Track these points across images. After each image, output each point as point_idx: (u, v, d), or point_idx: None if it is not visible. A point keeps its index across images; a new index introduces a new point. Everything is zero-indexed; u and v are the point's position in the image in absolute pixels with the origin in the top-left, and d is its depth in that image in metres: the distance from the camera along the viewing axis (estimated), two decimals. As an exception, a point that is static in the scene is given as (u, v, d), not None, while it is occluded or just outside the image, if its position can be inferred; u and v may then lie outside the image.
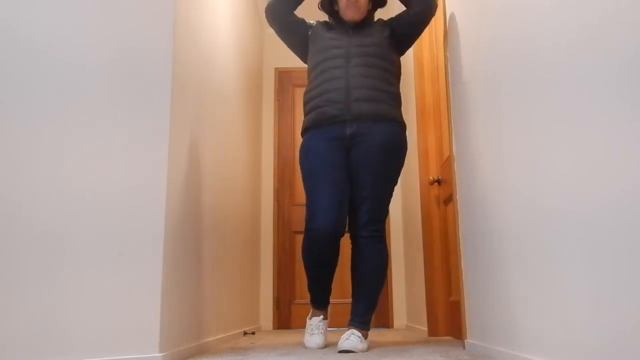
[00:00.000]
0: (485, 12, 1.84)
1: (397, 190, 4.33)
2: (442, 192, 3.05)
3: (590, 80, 1.10)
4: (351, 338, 2.13)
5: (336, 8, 2.52)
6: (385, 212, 2.32)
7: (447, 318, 2.94)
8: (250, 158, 3.76)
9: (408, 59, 3.70)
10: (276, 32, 2.55)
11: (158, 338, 1.68)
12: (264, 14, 3.82)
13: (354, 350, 2.09)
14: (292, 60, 4.52)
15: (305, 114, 2.41)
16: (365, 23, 2.51)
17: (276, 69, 4.61)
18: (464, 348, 2.17)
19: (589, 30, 1.11)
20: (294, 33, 2.52)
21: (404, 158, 2.39)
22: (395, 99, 2.37)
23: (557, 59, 1.26)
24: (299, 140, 4.34)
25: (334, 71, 2.33)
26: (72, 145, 1.76)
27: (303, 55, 2.57)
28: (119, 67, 1.83)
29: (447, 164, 2.86)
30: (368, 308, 2.29)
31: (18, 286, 1.65)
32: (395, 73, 2.43)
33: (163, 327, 1.72)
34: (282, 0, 2.46)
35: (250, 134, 3.80)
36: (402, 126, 2.38)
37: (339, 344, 2.13)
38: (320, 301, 2.45)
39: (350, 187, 2.31)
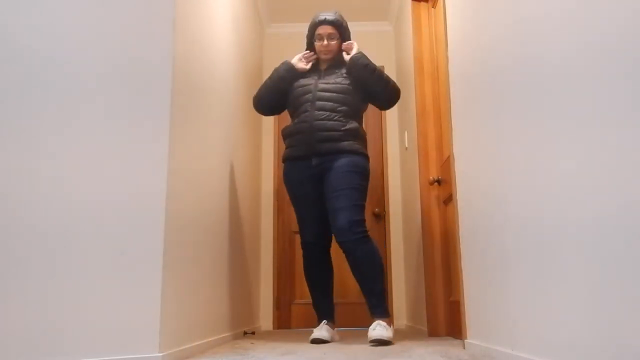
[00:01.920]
0: (486, 12, 1.84)
1: (397, 190, 4.33)
2: (442, 192, 3.05)
3: (591, 80, 1.10)
4: (377, 328, 2.39)
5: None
6: (363, 216, 2.61)
7: (447, 318, 2.94)
8: (250, 158, 3.76)
9: (408, 59, 3.70)
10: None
11: (158, 338, 1.68)
12: (264, 14, 3.91)
13: (383, 338, 2.35)
14: (292, 60, 4.54)
15: (285, 147, 2.86)
16: (336, 65, 2.91)
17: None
18: (464, 348, 2.17)
19: (590, 29, 1.11)
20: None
21: (367, 180, 2.72)
22: (355, 135, 2.73)
23: (558, 59, 1.26)
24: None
25: (302, 115, 2.75)
26: (73, 145, 1.76)
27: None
28: (118, 68, 1.83)
29: (447, 164, 2.86)
30: (381, 297, 2.56)
31: (18, 286, 1.65)
32: (355, 113, 2.79)
33: (163, 327, 1.72)
34: (267, 106, 2.96)
35: (250, 133, 3.80)
36: (364, 156, 2.74)
37: (368, 334, 2.41)
38: (325, 311, 2.78)
39: (326, 203, 2.68)
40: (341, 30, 2.90)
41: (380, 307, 2.54)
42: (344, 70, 2.84)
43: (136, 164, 1.78)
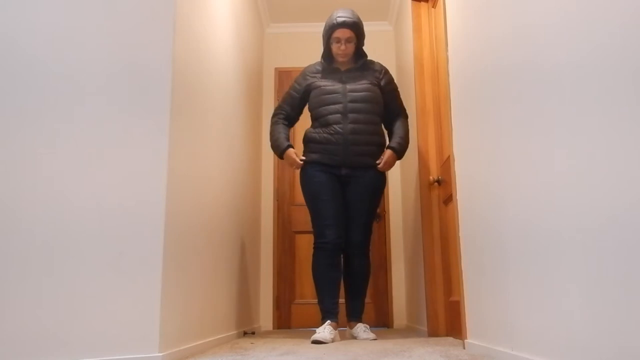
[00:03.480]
0: (486, 12, 1.84)
1: (397, 190, 4.34)
2: (442, 192, 3.05)
3: (592, 81, 1.10)
4: (366, 331, 2.82)
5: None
6: (370, 234, 2.97)
7: (447, 318, 2.94)
8: (250, 158, 3.76)
9: (408, 59, 3.70)
10: None
11: (158, 338, 1.68)
12: (264, 14, 3.90)
13: (374, 338, 2.74)
14: (292, 60, 4.54)
15: (307, 150, 2.92)
16: (357, 67, 2.97)
17: (276, 68, 4.61)
18: (464, 348, 2.17)
19: (592, 29, 1.11)
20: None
21: (383, 192, 3.04)
22: (382, 147, 2.95)
23: (558, 59, 1.26)
24: (299, 140, 4.34)
25: (334, 126, 2.84)
26: (71, 146, 1.76)
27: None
28: (118, 68, 1.83)
29: (447, 164, 2.86)
30: (363, 305, 2.99)
31: (18, 286, 1.65)
32: (380, 119, 2.96)
33: (163, 327, 1.72)
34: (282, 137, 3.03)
35: (250, 133, 3.80)
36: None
37: (358, 337, 2.79)
38: (331, 310, 2.80)
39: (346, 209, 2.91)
40: (359, 32, 2.92)
41: (362, 311, 2.96)
42: (371, 74, 2.95)
43: (136, 164, 1.78)
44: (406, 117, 3.10)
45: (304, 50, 4.48)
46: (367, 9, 4.44)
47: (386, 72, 3.03)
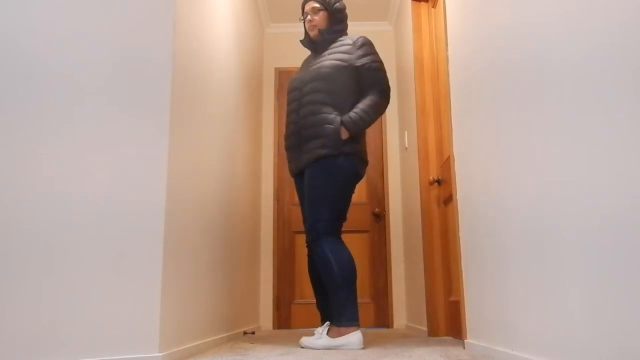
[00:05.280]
0: (485, 11, 1.84)
1: (397, 190, 4.34)
2: (442, 192, 3.05)
3: (592, 81, 1.10)
4: (311, 337, 2.37)
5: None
6: (327, 216, 2.47)
7: (447, 318, 2.94)
8: (250, 158, 3.76)
9: (408, 59, 3.70)
10: None
11: (158, 338, 1.68)
12: (264, 14, 3.88)
13: (302, 345, 2.38)
14: (292, 60, 4.54)
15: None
16: (328, 42, 2.72)
17: (276, 68, 4.61)
18: (464, 348, 2.17)
19: (591, 28, 1.11)
20: None
21: (341, 174, 2.50)
22: (337, 134, 2.48)
23: (558, 59, 1.26)
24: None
25: (291, 126, 2.66)
26: (72, 145, 1.76)
27: None
28: (119, 68, 1.83)
29: (447, 164, 2.86)
30: (334, 304, 2.40)
31: (18, 286, 1.65)
32: (341, 92, 2.55)
33: (163, 327, 1.72)
34: None
35: (250, 133, 3.80)
36: (341, 156, 2.49)
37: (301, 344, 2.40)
38: (329, 313, 2.57)
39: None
40: (325, 3, 2.72)
41: (329, 316, 2.54)
42: (344, 48, 2.63)
43: (136, 164, 1.78)
44: (381, 92, 2.59)
45: (304, 50, 4.47)
46: (367, 9, 4.44)
47: (362, 44, 2.62)
